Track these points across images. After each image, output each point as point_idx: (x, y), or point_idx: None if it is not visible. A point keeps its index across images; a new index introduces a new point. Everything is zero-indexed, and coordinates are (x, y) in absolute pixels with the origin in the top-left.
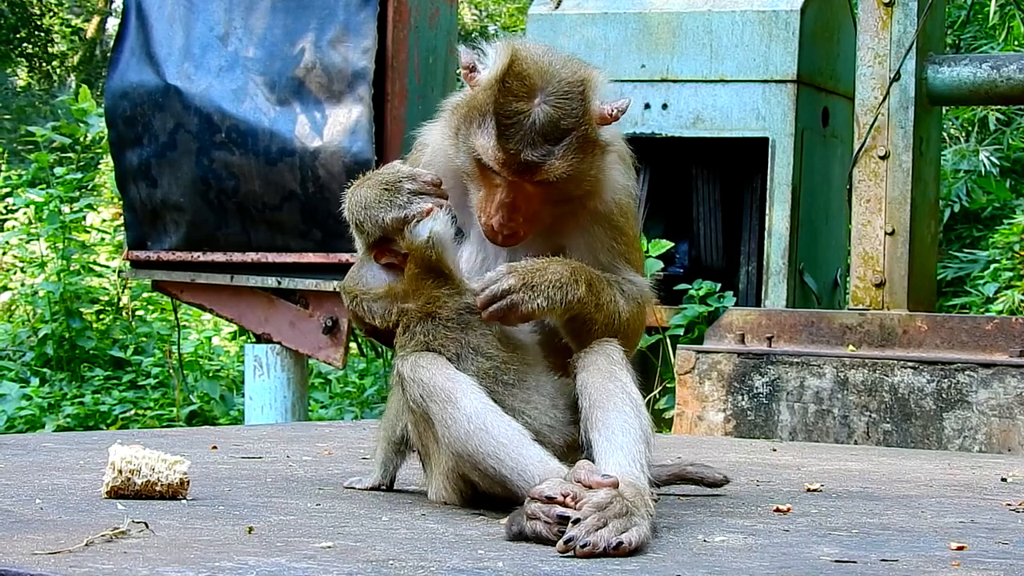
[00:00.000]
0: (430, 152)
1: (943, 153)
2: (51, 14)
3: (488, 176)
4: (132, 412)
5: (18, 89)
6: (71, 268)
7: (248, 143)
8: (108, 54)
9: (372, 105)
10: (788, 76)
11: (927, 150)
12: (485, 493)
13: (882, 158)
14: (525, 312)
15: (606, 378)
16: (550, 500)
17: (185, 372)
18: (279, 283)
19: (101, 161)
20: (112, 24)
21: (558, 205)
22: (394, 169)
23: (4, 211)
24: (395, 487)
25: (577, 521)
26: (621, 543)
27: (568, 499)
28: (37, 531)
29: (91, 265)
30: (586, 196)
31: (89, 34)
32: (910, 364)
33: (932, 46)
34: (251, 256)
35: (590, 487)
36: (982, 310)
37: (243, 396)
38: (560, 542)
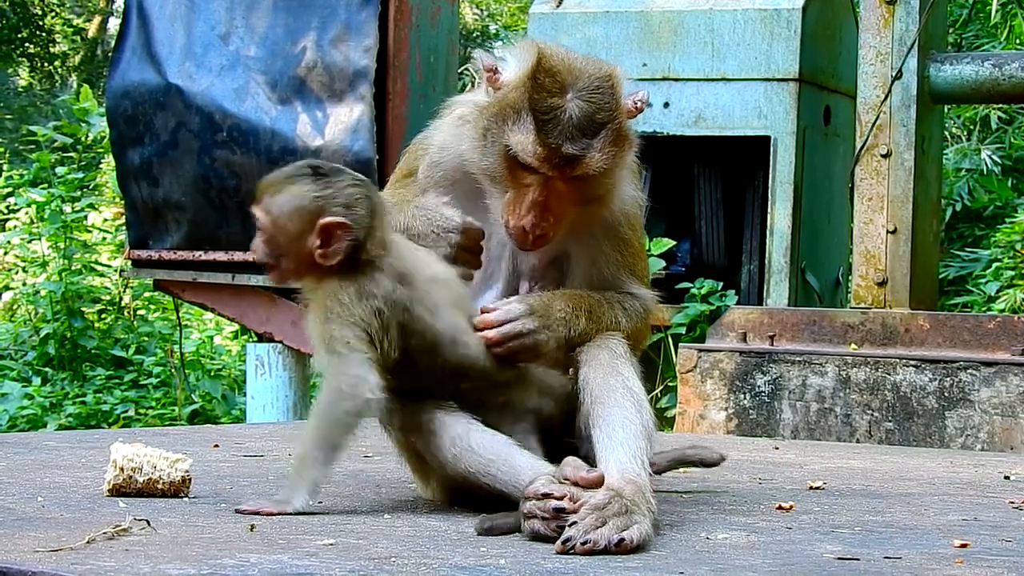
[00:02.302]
0: (436, 153)
1: (945, 152)
2: (53, 14)
3: (519, 176)
4: (134, 411)
5: (20, 89)
6: (73, 267)
7: (249, 142)
8: (109, 54)
9: (373, 104)
10: (790, 74)
11: (929, 148)
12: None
13: (884, 156)
14: (541, 352)
15: (608, 373)
16: (546, 496)
17: (187, 371)
18: None
19: (102, 160)
20: (113, 24)
21: (583, 205)
22: (447, 215)
23: (6, 211)
24: (395, 485)
25: (575, 523)
26: (622, 540)
27: (565, 500)
28: (39, 529)
29: (93, 264)
30: (601, 199)
31: (90, 34)
32: (912, 363)
33: (934, 44)
34: (253, 255)
35: (577, 484)
36: (984, 309)
37: (245, 395)
38: (558, 542)
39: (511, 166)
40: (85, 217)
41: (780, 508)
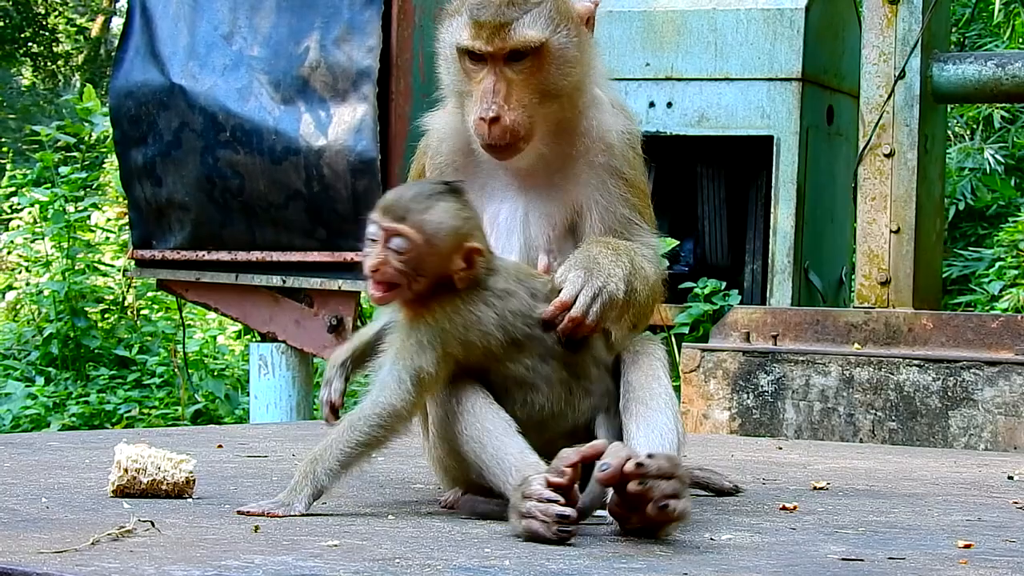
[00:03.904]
0: (435, 143)
1: (948, 151)
2: (56, 13)
3: (472, 75)
4: (137, 411)
5: (23, 88)
6: (76, 267)
7: (253, 142)
8: (113, 53)
9: (377, 104)
10: (793, 74)
11: (932, 148)
12: (465, 480)
13: (887, 156)
14: (618, 304)
15: (651, 379)
16: (550, 501)
17: (190, 371)
18: (284, 282)
19: (106, 160)
20: (117, 23)
21: (544, 99)
22: None
23: (9, 210)
24: (399, 485)
25: (653, 456)
26: (667, 506)
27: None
28: (43, 530)
29: (96, 264)
30: (567, 98)
31: (94, 33)
32: (915, 362)
33: (937, 44)
34: (256, 255)
35: (575, 463)
36: (987, 308)
37: (248, 395)
38: (632, 463)
39: (463, 67)
40: (88, 217)
41: (784, 508)
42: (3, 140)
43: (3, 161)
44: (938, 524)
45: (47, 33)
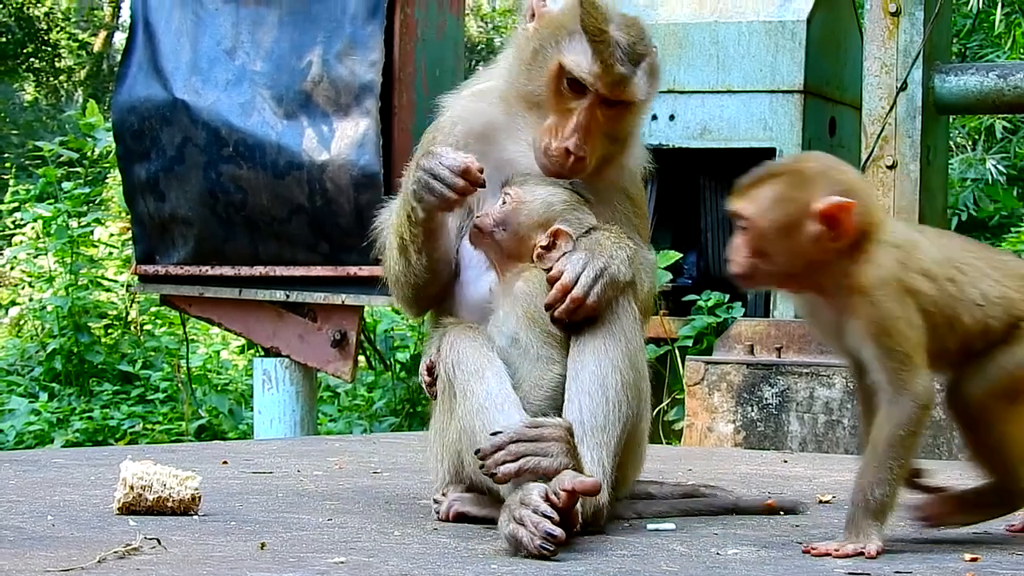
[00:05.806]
0: (447, 127)
1: (950, 162)
2: (58, 29)
3: (564, 100)
4: (141, 426)
5: (25, 104)
6: (79, 283)
7: (256, 156)
8: (115, 68)
9: (379, 118)
10: (795, 86)
11: (934, 159)
12: (469, 480)
13: (889, 168)
14: (620, 284)
15: (596, 342)
16: (545, 516)
17: (194, 386)
18: (287, 296)
19: (109, 175)
20: (119, 38)
21: (611, 143)
22: (458, 154)
23: (12, 226)
24: (405, 501)
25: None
26: (495, 475)
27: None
28: (49, 548)
29: (99, 279)
30: (624, 143)
31: (96, 48)
32: None
33: (938, 55)
34: (259, 270)
35: (575, 491)
36: None
37: (252, 410)
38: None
39: (558, 88)
40: (91, 232)
41: (790, 522)
42: (6, 156)
43: (6, 177)
44: (944, 537)
45: (49, 48)
